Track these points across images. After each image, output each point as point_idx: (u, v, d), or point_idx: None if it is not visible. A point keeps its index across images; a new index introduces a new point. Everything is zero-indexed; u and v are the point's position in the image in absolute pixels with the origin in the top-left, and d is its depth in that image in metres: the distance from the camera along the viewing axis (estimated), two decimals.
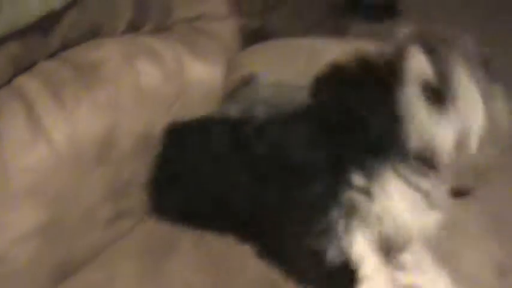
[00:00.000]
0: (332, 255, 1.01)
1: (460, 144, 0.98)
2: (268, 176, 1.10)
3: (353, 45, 1.58)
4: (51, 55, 1.27)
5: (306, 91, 1.13)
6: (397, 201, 1.01)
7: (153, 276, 1.15)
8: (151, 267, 1.17)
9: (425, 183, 1.03)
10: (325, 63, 1.21)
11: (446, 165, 1.00)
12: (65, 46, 1.28)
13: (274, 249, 1.12)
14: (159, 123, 1.32)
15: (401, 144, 0.99)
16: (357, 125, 1.01)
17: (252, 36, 2.01)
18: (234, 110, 1.28)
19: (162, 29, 1.47)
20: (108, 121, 1.23)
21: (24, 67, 1.22)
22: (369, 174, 1.01)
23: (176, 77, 1.40)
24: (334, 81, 1.09)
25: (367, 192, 1.01)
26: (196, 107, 1.46)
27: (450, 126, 0.98)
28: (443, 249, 1.12)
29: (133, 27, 1.40)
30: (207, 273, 1.14)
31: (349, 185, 1.01)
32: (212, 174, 1.19)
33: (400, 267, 1.10)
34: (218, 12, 1.60)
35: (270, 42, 1.73)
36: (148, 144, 1.30)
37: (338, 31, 2.90)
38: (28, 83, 1.19)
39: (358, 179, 1.01)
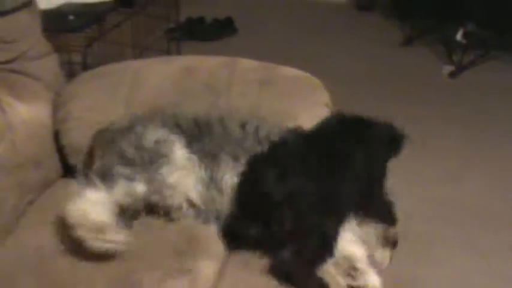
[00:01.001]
0: None
1: None
2: None
3: (180, 64, 1.68)
4: None
5: None
6: None
7: None
8: None
9: None
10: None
11: None
12: None
13: None
14: None
15: None
16: None
17: (80, 69, 2.03)
18: None
19: None
20: None
21: None
22: None
23: None
24: None
25: None
26: (25, 146, 1.49)
27: None
28: None
29: None
30: None
31: None
32: None
33: None
34: (36, 51, 1.62)
35: (94, 71, 1.77)
36: None
37: (173, 52, 2.97)
38: None
39: None
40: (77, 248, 1.24)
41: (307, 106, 1.58)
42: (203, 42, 3.86)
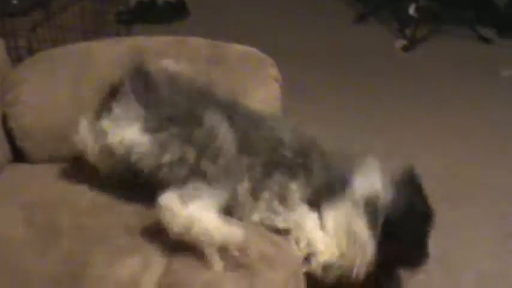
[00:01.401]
0: None
1: None
2: None
3: (128, 44, 1.67)
4: None
5: None
6: None
7: None
8: None
9: None
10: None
11: None
12: None
13: None
14: None
15: None
16: None
17: (27, 54, 2.00)
18: None
19: None
20: None
21: None
22: None
23: None
24: None
25: None
26: None
27: None
28: None
29: None
30: None
31: None
32: None
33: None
34: None
35: (41, 54, 1.75)
36: None
37: (123, 36, 2.93)
38: None
39: None
40: (26, 230, 1.24)
41: (257, 81, 1.58)
42: (155, 25, 3.80)
